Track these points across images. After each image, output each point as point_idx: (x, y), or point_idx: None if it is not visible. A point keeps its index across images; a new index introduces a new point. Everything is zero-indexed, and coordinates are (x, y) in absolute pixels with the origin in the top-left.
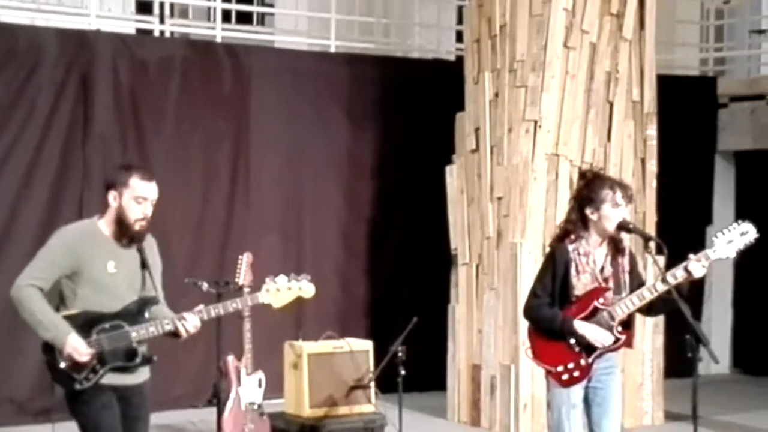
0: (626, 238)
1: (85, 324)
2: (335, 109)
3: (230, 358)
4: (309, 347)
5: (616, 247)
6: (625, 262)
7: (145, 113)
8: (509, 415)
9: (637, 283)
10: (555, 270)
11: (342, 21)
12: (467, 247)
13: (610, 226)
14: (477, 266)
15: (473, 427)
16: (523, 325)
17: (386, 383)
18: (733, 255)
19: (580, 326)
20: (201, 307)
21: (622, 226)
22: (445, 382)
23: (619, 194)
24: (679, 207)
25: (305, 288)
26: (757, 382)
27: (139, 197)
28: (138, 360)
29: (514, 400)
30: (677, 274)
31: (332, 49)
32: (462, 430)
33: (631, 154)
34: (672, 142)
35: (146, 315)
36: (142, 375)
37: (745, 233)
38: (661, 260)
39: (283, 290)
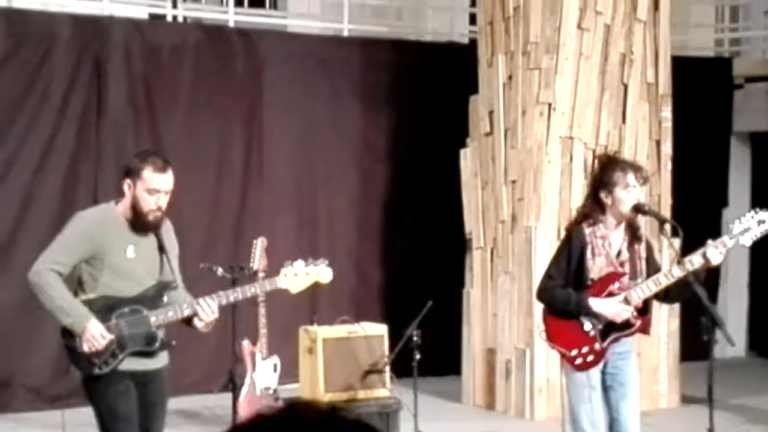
0: (643, 224)
1: (105, 309)
2: (348, 93)
3: (245, 343)
4: (324, 332)
5: (633, 234)
6: (642, 248)
7: (158, 99)
8: (524, 398)
9: (653, 269)
10: (571, 252)
11: (355, 4)
12: (482, 230)
13: (625, 209)
14: (491, 250)
15: (488, 411)
16: (538, 308)
17: (401, 368)
18: (749, 243)
19: (595, 303)
20: (219, 292)
21: (637, 209)
22: (460, 366)
23: (631, 176)
24: (695, 189)
25: (323, 273)
26: None
27: (151, 189)
28: (157, 345)
29: (530, 384)
30: (694, 260)
31: (345, 33)
32: (477, 414)
33: (646, 137)
34: (687, 123)
35: (165, 299)
36: (161, 360)
37: (763, 221)
38: (677, 243)
39: (301, 275)
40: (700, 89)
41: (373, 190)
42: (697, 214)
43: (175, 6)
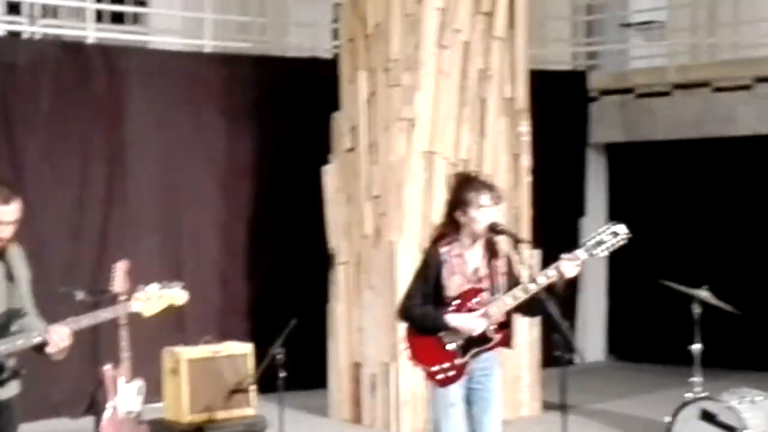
0: (502, 240)
1: None
2: (212, 109)
3: (107, 368)
4: (188, 352)
5: (491, 249)
6: (501, 263)
7: (17, 118)
8: (390, 412)
9: (513, 284)
10: (428, 272)
11: (217, 20)
12: (346, 246)
13: (479, 228)
14: (356, 265)
15: (355, 425)
16: (402, 323)
17: (268, 384)
18: (604, 255)
19: (452, 318)
20: (71, 318)
21: (492, 228)
22: (327, 380)
23: (485, 196)
24: (553, 200)
25: (176, 295)
26: (631, 368)
27: None
28: (6, 374)
29: (395, 398)
30: (549, 274)
31: (208, 49)
32: (344, 428)
33: (505, 150)
34: (545, 136)
35: (13, 328)
36: (11, 389)
37: (617, 234)
38: (537, 256)
39: (154, 299)
40: (557, 102)
41: (238, 206)
42: (555, 225)
43: (32, 23)
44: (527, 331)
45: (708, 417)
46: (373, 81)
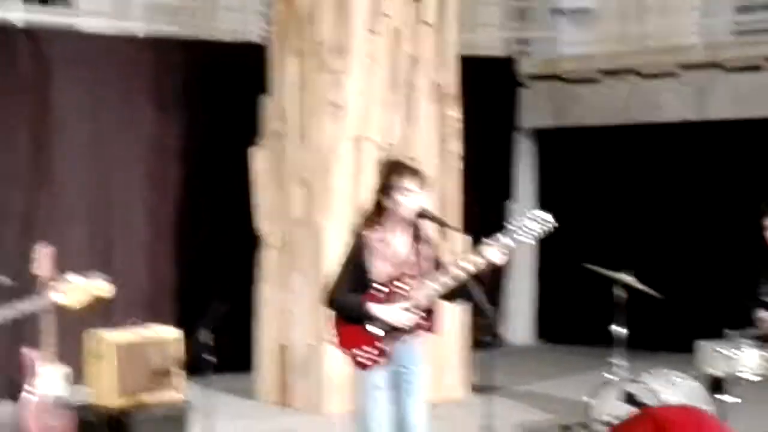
0: (428, 226)
1: None
2: (141, 93)
3: (30, 351)
4: (114, 336)
5: (417, 235)
6: (426, 249)
7: None
8: (318, 394)
9: (439, 270)
10: (354, 258)
11: (147, 4)
12: (274, 229)
13: (405, 213)
14: (283, 248)
15: (283, 408)
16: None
17: (196, 368)
18: (530, 241)
19: (377, 309)
20: None
21: (419, 214)
22: (255, 363)
23: (410, 182)
24: (483, 185)
25: (101, 287)
26: (558, 350)
27: None
28: None
29: (322, 380)
30: (474, 260)
31: (137, 33)
32: (271, 410)
33: (435, 136)
34: (474, 121)
35: None
36: None
37: (542, 221)
38: (465, 241)
39: (78, 290)
40: (487, 88)
41: (168, 190)
42: (485, 210)
43: None
44: (455, 315)
45: (628, 398)
46: (302, 65)
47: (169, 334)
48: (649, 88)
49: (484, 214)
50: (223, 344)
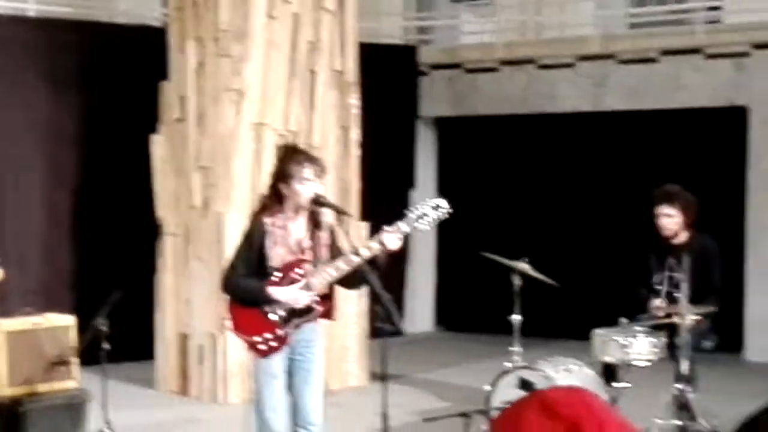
0: (326, 213)
1: None
2: (34, 75)
3: None
4: (6, 324)
5: (315, 221)
6: (324, 235)
7: None
8: (217, 383)
9: (336, 256)
10: (251, 243)
11: None
12: (173, 217)
13: (302, 201)
14: (184, 236)
15: (182, 397)
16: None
17: (92, 357)
18: (426, 228)
19: (275, 292)
20: None
21: (315, 201)
22: (154, 352)
23: (308, 170)
24: (384, 173)
25: None
26: (457, 338)
27: None
28: None
29: (222, 369)
30: (371, 246)
31: (31, 13)
32: (170, 399)
33: (335, 123)
34: (375, 109)
35: None
36: None
37: (439, 208)
38: (365, 228)
39: None
40: (388, 76)
41: (64, 175)
42: (386, 197)
43: None
44: (355, 302)
45: (525, 385)
46: (201, 51)
47: (63, 322)
48: (547, 78)
49: (386, 202)
50: (124, 333)
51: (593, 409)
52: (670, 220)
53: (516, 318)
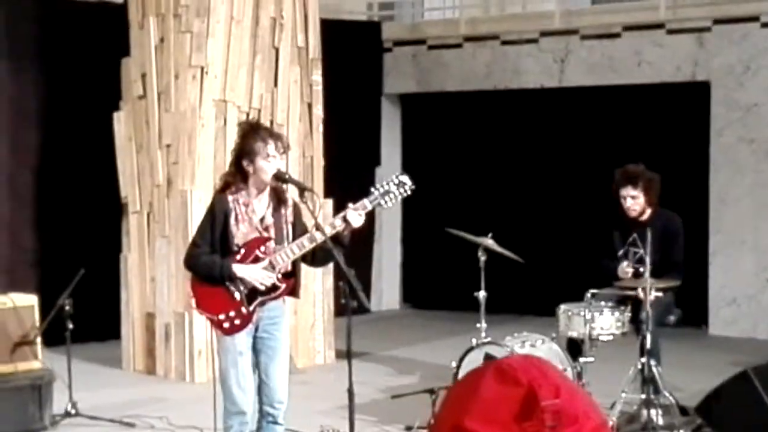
0: (289, 189)
1: None
2: None
3: None
4: None
5: (278, 198)
6: (288, 212)
7: None
8: (184, 362)
9: (300, 233)
10: (214, 220)
11: None
12: (138, 194)
13: (266, 178)
14: (148, 214)
15: (149, 376)
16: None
17: (58, 337)
18: (390, 205)
19: (239, 269)
20: None
21: (278, 177)
22: (120, 331)
23: (271, 146)
24: (349, 150)
25: None
26: (424, 315)
27: None
28: None
29: (189, 347)
30: (335, 224)
31: None
32: (137, 379)
33: (298, 100)
34: (339, 86)
35: None
36: None
37: (402, 184)
38: (330, 205)
39: None
40: (352, 52)
41: (25, 153)
42: (351, 174)
43: None
44: (321, 280)
45: (491, 360)
46: (163, 27)
47: (27, 302)
48: (509, 54)
49: (350, 180)
50: (89, 313)
51: (548, 374)
52: (634, 201)
53: (482, 294)
